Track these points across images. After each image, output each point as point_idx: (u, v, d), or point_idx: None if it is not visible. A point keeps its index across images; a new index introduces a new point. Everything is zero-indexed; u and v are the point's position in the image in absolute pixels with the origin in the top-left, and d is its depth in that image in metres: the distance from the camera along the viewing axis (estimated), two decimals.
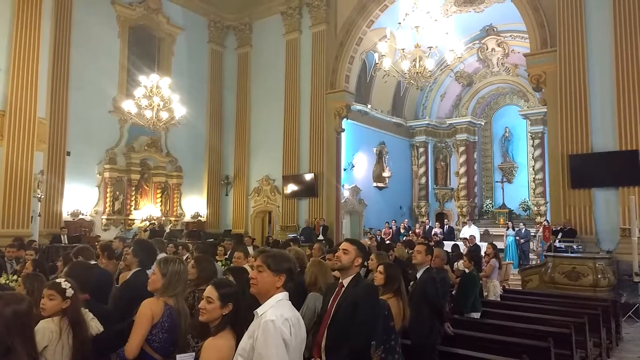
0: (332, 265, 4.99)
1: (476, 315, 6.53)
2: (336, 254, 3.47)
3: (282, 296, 2.47)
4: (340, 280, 3.38)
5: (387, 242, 13.12)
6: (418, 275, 4.82)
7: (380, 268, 4.26)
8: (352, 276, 3.33)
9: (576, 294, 9.48)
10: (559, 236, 11.23)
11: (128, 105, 12.30)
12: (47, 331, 2.77)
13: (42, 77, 12.27)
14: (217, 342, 2.47)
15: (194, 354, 2.82)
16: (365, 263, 5.13)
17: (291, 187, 16.66)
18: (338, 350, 3.11)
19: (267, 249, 4.21)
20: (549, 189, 13.01)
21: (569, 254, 10.59)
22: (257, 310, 2.42)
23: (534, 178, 19.02)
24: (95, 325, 3.08)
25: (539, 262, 13.13)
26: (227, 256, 8.27)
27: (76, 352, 2.80)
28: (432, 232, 16.08)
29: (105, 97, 15.44)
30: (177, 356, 2.94)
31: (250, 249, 8.23)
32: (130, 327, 3.00)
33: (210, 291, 2.59)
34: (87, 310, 3.07)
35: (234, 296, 2.59)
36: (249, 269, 3.66)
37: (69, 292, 2.89)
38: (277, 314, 2.33)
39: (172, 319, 3.06)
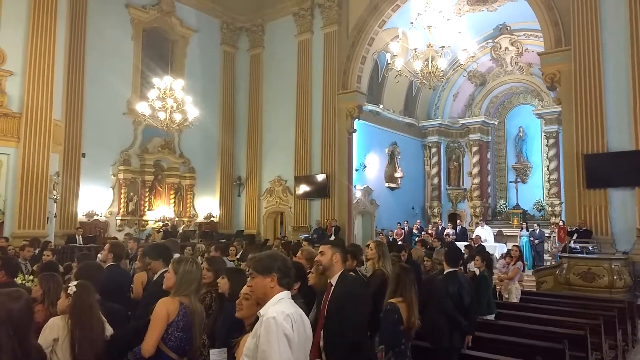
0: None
1: (490, 317, 6.48)
2: (315, 259, 3.56)
3: (283, 295, 2.48)
4: (329, 280, 3.46)
5: (400, 243, 13.07)
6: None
7: (372, 245, 4.51)
8: (339, 274, 3.42)
9: (591, 295, 9.36)
10: (574, 237, 11.10)
11: (142, 107, 12.41)
12: (55, 326, 2.96)
13: (57, 80, 12.42)
14: None
15: (225, 349, 2.88)
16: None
17: (303, 188, 16.69)
18: (335, 348, 3.13)
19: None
20: (564, 189, 12.86)
21: (584, 255, 10.45)
22: (260, 311, 2.44)
23: (548, 178, 18.82)
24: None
25: (553, 263, 12.99)
26: (238, 256, 8.32)
27: (78, 348, 2.89)
28: (445, 233, 15.98)
29: (120, 99, 15.63)
30: (211, 350, 3.06)
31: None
32: (147, 326, 3.05)
33: (247, 289, 2.70)
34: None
35: None
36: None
37: (71, 289, 3.04)
38: (278, 310, 2.35)
39: (187, 318, 3.09)
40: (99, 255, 6.41)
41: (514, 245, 8.91)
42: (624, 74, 11.04)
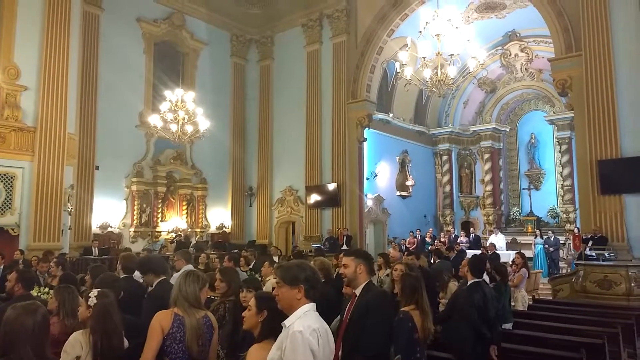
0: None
1: (507, 326, 6.40)
2: (340, 271, 3.53)
3: (308, 307, 2.46)
4: (354, 291, 3.42)
5: (412, 251, 12.97)
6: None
7: (399, 267, 4.54)
8: (363, 285, 3.37)
9: (609, 303, 9.19)
10: (590, 244, 10.95)
11: (154, 120, 12.54)
12: (77, 343, 2.90)
13: (71, 94, 12.60)
14: (261, 353, 2.51)
15: None
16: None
17: (314, 197, 16.70)
18: (352, 357, 3.10)
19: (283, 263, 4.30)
20: (578, 196, 12.72)
21: (601, 262, 10.30)
22: (285, 321, 2.43)
23: (562, 185, 18.62)
24: None
25: (569, 270, 12.80)
26: (251, 266, 8.32)
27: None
28: (457, 241, 15.85)
29: (132, 112, 15.82)
30: None
31: (276, 259, 8.24)
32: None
33: (251, 300, 2.77)
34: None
35: (268, 303, 2.65)
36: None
37: (92, 300, 3.03)
38: (305, 324, 2.34)
39: (183, 329, 3.09)
40: None
41: (517, 253, 8.81)
42: (637, 78, 10.94)
